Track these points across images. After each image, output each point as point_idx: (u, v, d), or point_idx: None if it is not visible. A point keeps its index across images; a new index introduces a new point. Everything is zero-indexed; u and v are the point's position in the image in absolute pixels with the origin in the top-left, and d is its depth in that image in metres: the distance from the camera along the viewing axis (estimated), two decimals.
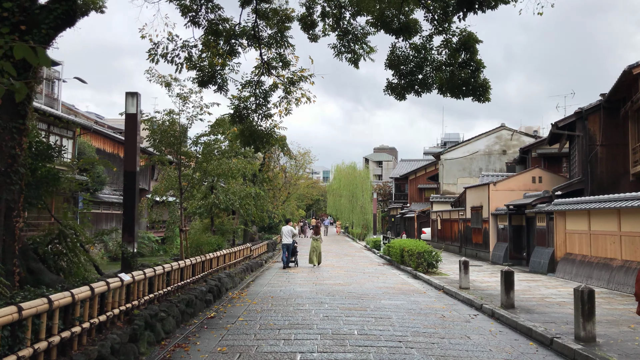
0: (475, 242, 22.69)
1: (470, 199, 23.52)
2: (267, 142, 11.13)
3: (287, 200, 34.99)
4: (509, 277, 9.67)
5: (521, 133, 30.53)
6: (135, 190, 9.36)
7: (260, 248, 20.47)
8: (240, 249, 15.50)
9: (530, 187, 20.64)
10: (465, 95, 8.74)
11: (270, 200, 22.04)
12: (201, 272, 10.38)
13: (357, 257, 23.42)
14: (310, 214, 77.05)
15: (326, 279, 14.15)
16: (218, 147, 12.20)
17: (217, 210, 15.49)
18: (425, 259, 15.87)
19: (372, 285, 13.03)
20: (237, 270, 13.49)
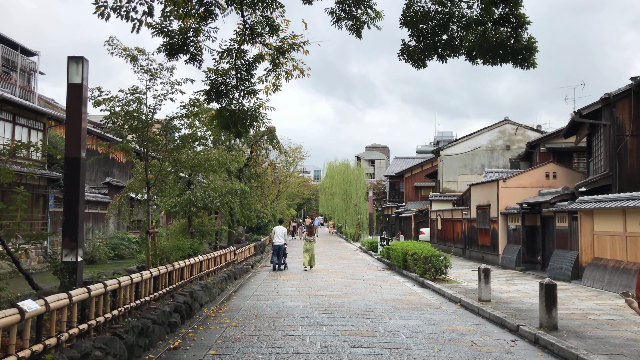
0: (482, 244, 20.85)
1: (476, 197, 21.67)
2: (250, 124, 9.12)
3: (277, 199, 32.94)
4: (551, 292, 7.75)
5: (526, 127, 28.80)
6: (80, 182, 7.31)
7: (246, 251, 18.44)
8: (222, 254, 13.46)
9: (543, 183, 18.84)
10: (503, 59, 6.81)
11: (258, 198, 20.00)
12: (167, 286, 8.35)
13: (353, 260, 21.47)
14: (301, 213, 75.04)
15: (321, 289, 12.17)
16: (193, 134, 10.16)
17: (195, 209, 13.44)
18: (433, 264, 13.95)
19: (375, 296, 11.07)
20: (217, 279, 11.46)
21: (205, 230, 14.18)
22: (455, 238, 24.54)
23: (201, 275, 10.92)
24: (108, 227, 26.74)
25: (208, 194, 12.86)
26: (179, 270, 8.99)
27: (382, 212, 48.89)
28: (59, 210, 22.21)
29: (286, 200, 40.47)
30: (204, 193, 12.75)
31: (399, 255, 16.75)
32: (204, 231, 14.17)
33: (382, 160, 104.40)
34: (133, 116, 9.79)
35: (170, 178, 10.72)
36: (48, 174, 19.83)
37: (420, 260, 14.28)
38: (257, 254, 21.51)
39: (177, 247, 10.84)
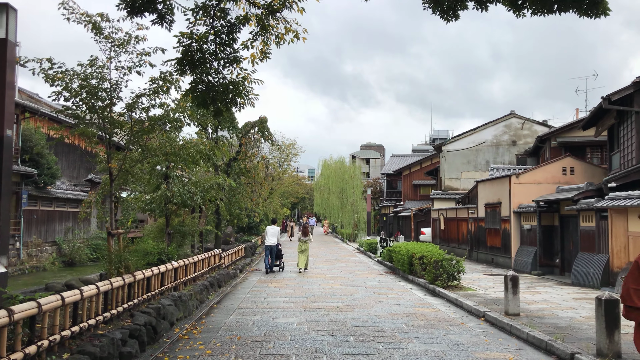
0: (491, 245, 19.24)
1: (484, 195, 20.06)
2: (233, 101, 7.41)
3: (270, 197, 31.22)
4: (612, 310, 6.07)
5: (533, 122, 27.25)
6: (4, 168, 5.56)
7: (234, 254, 16.70)
8: (204, 258, 11.73)
9: (560, 179, 17.26)
10: (562, 5, 5.16)
11: (248, 195, 18.29)
12: (127, 301, 6.62)
13: (352, 263, 19.79)
14: (295, 212, 73.31)
15: (319, 299, 10.48)
16: (165, 115, 8.41)
17: (174, 206, 11.70)
18: (444, 269, 12.30)
19: (383, 309, 9.39)
20: (197, 288, 9.73)
21: (185, 231, 12.43)
22: (460, 239, 22.93)
23: (176, 285, 9.18)
24: (90, 227, 24.91)
25: (188, 189, 11.13)
26: (143, 281, 7.25)
27: (379, 212, 47.27)
28: (34, 208, 20.43)
29: (279, 199, 38.73)
30: (183, 188, 11.02)
31: (403, 259, 15.09)
32: (184, 232, 12.43)
33: (377, 159, 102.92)
34: (92, 92, 8.05)
35: (137, 168, 8.96)
36: (22, 169, 18.07)
37: (430, 265, 12.62)
38: (247, 256, 19.78)
39: (144, 251, 9.06)
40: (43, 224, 21.45)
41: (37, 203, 20.78)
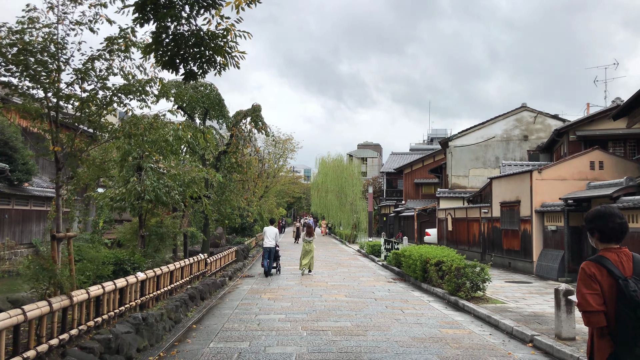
0: (508, 248, 17.45)
1: (500, 192, 18.27)
2: (210, 61, 5.55)
3: (265, 196, 29.32)
4: None
5: (546, 115, 25.50)
6: None
7: (224, 258, 14.82)
8: (183, 266, 9.85)
9: (587, 175, 15.50)
10: None
11: (240, 192, 16.41)
12: (56, 335, 4.73)
13: (354, 267, 17.94)
14: (291, 212, 71.48)
15: (322, 316, 8.62)
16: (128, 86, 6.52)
17: (149, 204, 9.82)
18: (468, 277, 10.50)
19: (403, 331, 7.54)
20: (171, 305, 7.85)
21: (163, 233, 10.54)
22: (471, 241, 21.13)
23: (144, 302, 7.30)
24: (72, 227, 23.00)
25: (164, 182, 9.24)
26: (89, 302, 5.37)
27: (379, 212, 45.49)
28: (7, 207, 18.54)
29: (275, 198, 36.83)
30: (157, 182, 9.13)
31: (415, 264, 13.25)
32: (162, 234, 10.53)
33: (374, 158, 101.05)
34: (35, 55, 6.17)
35: (89, 153, 7.06)
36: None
37: (451, 273, 10.80)
38: (239, 260, 17.90)
39: (97, 260, 7.12)
40: (17, 225, 19.53)
41: (11, 201, 18.84)
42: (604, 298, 2.72)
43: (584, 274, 2.80)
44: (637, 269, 2.77)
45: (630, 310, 2.62)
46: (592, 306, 2.71)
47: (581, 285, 2.79)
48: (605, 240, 2.87)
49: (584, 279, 2.79)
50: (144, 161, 9.40)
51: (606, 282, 2.73)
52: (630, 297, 2.62)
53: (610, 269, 2.74)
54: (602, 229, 2.86)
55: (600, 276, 2.75)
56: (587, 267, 2.81)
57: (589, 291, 2.74)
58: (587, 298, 2.73)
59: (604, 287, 2.73)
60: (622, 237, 2.84)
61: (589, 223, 2.92)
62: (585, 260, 2.93)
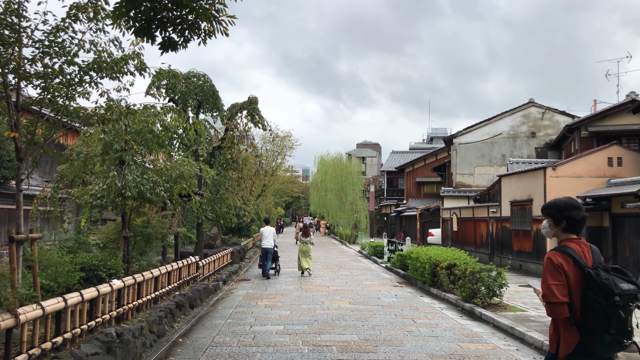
0: (519, 250, 16.53)
1: (510, 191, 17.35)
2: (193, 26, 4.60)
3: (263, 195, 28.36)
4: None
5: (555, 111, 24.58)
6: None
7: (218, 260, 13.87)
8: (170, 270, 8.90)
9: (605, 171, 14.59)
10: None
11: (235, 190, 15.46)
12: None
13: (357, 270, 17.00)
14: (290, 212, 70.57)
15: (325, 328, 7.67)
16: (99, 62, 5.56)
17: (133, 202, 8.87)
18: (484, 282, 9.57)
19: (418, 346, 6.60)
20: (154, 316, 6.89)
21: (150, 234, 9.58)
22: (478, 241, 20.20)
23: (121, 315, 6.35)
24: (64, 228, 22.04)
25: (148, 177, 8.28)
26: (44, 320, 4.42)
27: (379, 211, 44.58)
28: None
29: (273, 197, 35.87)
30: (141, 177, 8.17)
31: (423, 267, 12.32)
32: (148, 235, 9.57)
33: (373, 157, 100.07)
34: None
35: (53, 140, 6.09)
36: None
37: (465, 278, 9.86)
38: (235, 261, 16.95)
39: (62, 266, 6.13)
40: (3, 224, 18.57)
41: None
42: (569, 289, 2.73)
43: (550, 264, 2.80)
44: (597, 259, 2.83)
45: (602, 298, 2.62)
46: (557, 297, 2.70)
47: (547, 275, 2.79)
48: (570, 230, 2.92)
49: (551, 269, 2.78)
50: (126, 154, 8.44)
51: (572, 272, 2.74)
52: (603, 285, 2.63)
53: (576, 259, 2.76)
54: (575, 218, 2.90)
55: (567, 266, 2.75)
56: (554, 257, 2.80)
57: (555, 282, 2.74)
58: (553, 289, 2.72)
59: (570, 277, 2.74)
60: (582, 229, 2.97)
61: (560, 212, 2.93)
62: (551, 250, 2.91)
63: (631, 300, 2.65)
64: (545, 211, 3.07)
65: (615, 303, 2.60)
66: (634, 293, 2.66)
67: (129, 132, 8.48)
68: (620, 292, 2.62)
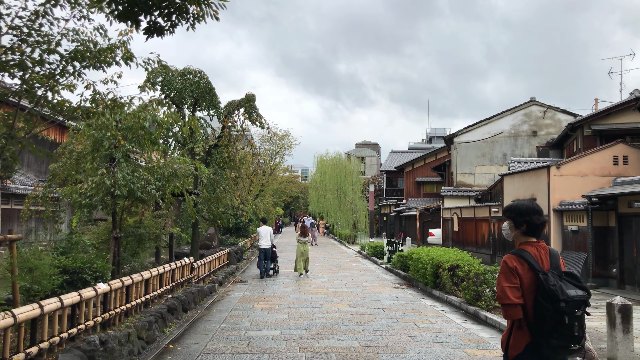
0: None
1: (512, 190, 17.03)
2: (181, 9, 4.31)
3: (261, 194, 28.00)
4: None
5: (556, 109, 24.26)
6: None
7: (214, 261, 13.51)
8: (162, 272, 8.54)
9: (611, 170, 14.26)
10: None
11: (232, 190, 15.10)
12: None
13: (356, 271, 16.66)
14: (289, 212, 70.24)
15: (324, 333, 7.33)
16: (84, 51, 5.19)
17: (125, 201, 8.52)
18: (488, 284, 9.24)
19: (422, 353, 6.26)
20: (143, 321, 6.54)
21: (142, 234, 9.22)
22: (480, 242, 19.87)
23: (107, 320, 5.99)
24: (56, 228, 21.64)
25: (139, 175, 7.93)
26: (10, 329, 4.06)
27: (379, 211, 44.25)
28: None
29: (272, 197, 35.51)
30: (132, 174, 7.82)
31: (425, 268, 11.98)
32: (140, 235, 9.22)
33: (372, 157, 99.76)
34: None
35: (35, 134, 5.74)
36: None
37: (469, 280, 9.52)
38: (232, 262, 16.59)
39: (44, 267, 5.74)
40: None
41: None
42: (522, 291, 2.78)
43: (505, 267, 2.86)
44: (554, 263, 2.86)
45: (549, 303, 2.68)
46: (511, 299, 2.75)
47: (502, 278, 2.85)
48: (529, 233, 2.96)
49: (505, 272, 2.85)
50: (116, 151, 8.08)
51: (527, 275, 2.79)
52: (549, 291, 2.68)
53: (531, 263, 2.80)
54: (535, 223, 2.93)
55: (522, 270, 2.80)
56: (509, 261, 2.86)
57: (509, 284, 2.79)
58: (506, 291, 2.78)
59: (524, 280, 2.78)
60: (542, 233, 3.00)
61: (522, 215, 2.96)
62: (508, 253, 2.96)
63: (578, 307, 2.67)
64: (507, 214, 3.10)
65: (560, 309, 2.64)
66: (581, 299, 2.69)
67: (120, 128, 8.15)
68: (565, 298, 2.66)
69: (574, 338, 2.67)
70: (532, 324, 2.77)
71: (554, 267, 2.84)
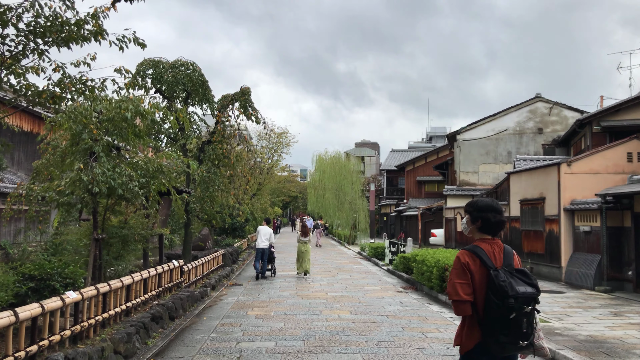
0: (530, 252, 15.52)
1: (519, 189, 16.35)
2: None
3: (259, 194, 27.32)
4: None
5: (563, 106, 23.58)
6: None
7: (207, 264, 12.80)
8: (145, 277, 7.85)
9: (624, 167, 13.60)
10: None
11: (227, 188, 14.40)
12: None
13: (357, 273, 15.97)
14: (287, 212, 69.58)
15: (323, 345, 6.64)
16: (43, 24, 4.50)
17: (108, 200, 7.84)
18: None
19: None
20: (120, 333, 5.84)
21: (126, 235, 8.52)
22: None
23: (77, 334, 5.29)
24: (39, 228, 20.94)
25: (121, 171, 7.23)
26: None
27: (379, 211, 43.55)
28: None
29: (270, 197, 34.82)
30: (113, 170, 7.12)
31: (430, 271, 11.29)
32: (124, 236, 8.52)
33: (372, 156, 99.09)
34: None
35: None
36: None
37: None
38: (227, 264, 15.89)
39: None
40: None
41: None
42: (474, 287, 2.77)
43: (458, 263, 2.86)
44: (507, 260, 2.88)
45: (498, 299, 2.67)
46: (461, 296, 2.74)
47: (454, 274, 2.85)
48: (484, 230, 2.97)
49: (458, 268, 2.85)
50: (97, 144, 7.38)
51: (478, 272, 2.79)
52: (499, 287, 2.68)
53: (483, 259, 2.80)
54: (490, 220, 2.95)
55: (474, 266, 2.80)
56: (462, 257, 2.86)
57: (460, 281, 2.78)
58: (457, 288, 2.77)
59: (476, 276, 2.78)
60: (499, 231, 3.01)
61: (479, 211, 2.98)
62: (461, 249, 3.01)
63: (527, 303, 2.66)
64: (466, 208, 3.11)
65: (509, 305, 2.63)
66: (530, 296, 2.68)
67: (100, 120, 7.47)
68: (514, 294, 2.65)
69: (522, 334, 2.66)
70: (482, 320, 2.74)
71: (507, 265, 2.82)
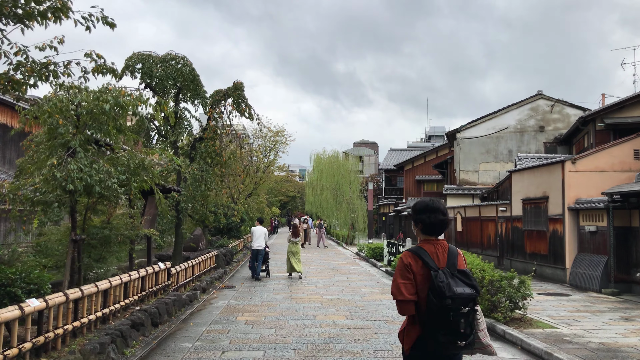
0: (532, 252, 15.03)
1: (521, 188, 15.87)
2: None
3: (255, 193, 26.80)
4: None
5: (565, 103, 23.09)
6: None
7: (198, 265, 12.29)
8: (126, 281, 7.34)
9: (631, 165, 13.14)
10: None
11: (219, 186, 13.89)
12: None
13: (354, 274, 15.47)
14: (285, 212, 69.08)
15: (316, 355, 6.14)
16: None
17: (89, 198, 7.34)
18: (505, 293, 8.08)
19: None
20: (93, 343, 5.34)
21: (107, 236, 8.01)
22: (486, 243, 18.71)
23: (40, 345, 4.79)
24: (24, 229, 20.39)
25: (99, 167, 6.72)
26: None
27: (377, 211, 43.06)
28: None
29: (267, 196, 34.30)
30: (90, 166, 6.62)
31: None
32: (106, 237, 8.01)
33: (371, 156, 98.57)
34: None
35: None
36: None
37: (483, 287, 8.34)
38: (220, 266, 15.37)
39: None
40: None
41: None
42: (416, 287, 2.82)
43: (401, 263, 2.90)
44: (451, 261, 2.89)
45: (436, 299, 2.70)
46: (404, 295, 2.79)
47: (397, 274, 2.89)
48: (426, 232, 2.98)
49: (401, 268, 2.89)
50: (74, 139, 6.88)
51: (420, 272, 2.82)
52: (437, 287, 2.71)
53: (425, 260, 2.84)
54: (426, 221, 2.96)
55: (416, 266, 2.84)
56: (405, 258, 2.91)
57: (403, 281, 2.83)
58: (400, 288, 2.82)
59: (418, 277, 2.82)
60: (442, 231, 2.99)
61: (416, 214, 3.03)
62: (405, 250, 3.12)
63: (464, 304, 2.69)
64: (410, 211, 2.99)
65: (446, 305, 2.66)
66: (468, 297, 2.71)
67: (78, 113, 6.97)
68: (452, 295, 2.67)
69: (460, 335, 2.67)
70: (424, 319, 2.77)
71: (450, 265, 2.84)
